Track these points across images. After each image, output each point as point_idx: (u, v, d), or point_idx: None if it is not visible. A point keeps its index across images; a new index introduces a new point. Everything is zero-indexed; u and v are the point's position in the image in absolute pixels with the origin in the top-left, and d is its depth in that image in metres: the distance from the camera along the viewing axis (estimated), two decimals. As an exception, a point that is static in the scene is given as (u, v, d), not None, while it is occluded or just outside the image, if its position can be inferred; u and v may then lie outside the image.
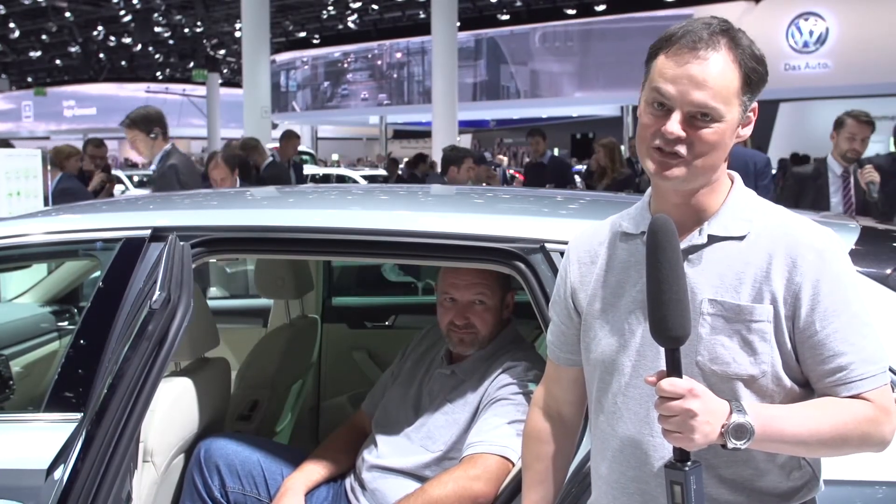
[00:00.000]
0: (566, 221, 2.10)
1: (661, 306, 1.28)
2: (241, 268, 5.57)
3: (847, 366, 1.33)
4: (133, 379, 1.82)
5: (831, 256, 1.36)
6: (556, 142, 28.54)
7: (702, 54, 1.33)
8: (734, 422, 1.26)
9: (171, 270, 1.94)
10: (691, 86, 1.33)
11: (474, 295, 2.31)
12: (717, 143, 1.35)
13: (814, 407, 1.34)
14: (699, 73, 1.33)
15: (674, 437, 1.27)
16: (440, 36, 16.10)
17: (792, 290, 1.34)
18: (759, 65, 1.37)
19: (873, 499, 1.59)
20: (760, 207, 1.44)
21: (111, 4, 23.86)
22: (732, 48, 1.35)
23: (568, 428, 1.67)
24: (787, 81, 19.73)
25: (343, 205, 2.46)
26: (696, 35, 1.34)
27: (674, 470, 1.28)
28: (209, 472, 2.28)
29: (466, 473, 2.06)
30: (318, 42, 29.06)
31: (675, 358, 1.29)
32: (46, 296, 3.61)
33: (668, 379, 1.27)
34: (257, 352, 3.07)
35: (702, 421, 1.25)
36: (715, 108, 1.33)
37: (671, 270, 1.28)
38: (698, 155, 1.35)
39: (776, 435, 1.30)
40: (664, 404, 1.26)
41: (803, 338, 1.35)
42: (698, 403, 1.25)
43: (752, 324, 1.35)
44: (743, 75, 1.35)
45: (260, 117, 14.94)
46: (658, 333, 1.29)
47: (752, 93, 1.38)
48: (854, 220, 2.39)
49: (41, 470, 1.88)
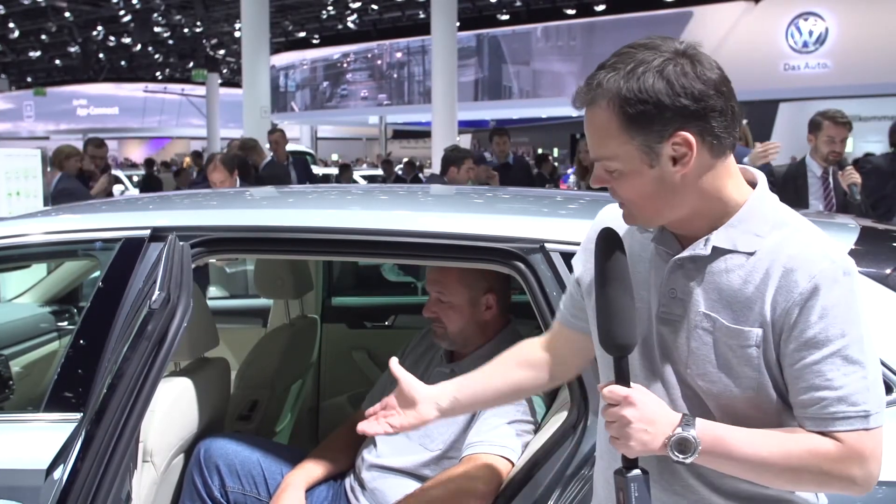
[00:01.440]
0: (566, 221, 2.10)
1: (607, 316, 1.31)
2: (240, 268, 5.57)
3: (819, 401, 1.28)
4: (133, 379, 1.82)
5: (826, 285, 1.27)
6: (557, 142, 28.57)
7: (586, 112, 1.33)
8: (677, 435, 1.28)
9: (170, 270, 1.94)
10: (589, 142, 1.35)
11: (434, 291, 2.38)
12: (634, 194, 1.33)
13: (771, 435, 1.30)
14: (588, 130, 1.33)
15: (615, 443, 1.30)
16: (440, 36, 16.09)
17: (780, 314, 1.29)
18: (648, 103, 1.27)
19: (873, 499, 1.59)
20: (778, 220, 1.36)
21: (111, 4, 23.84)
22: (607, 96, 1.29)
23: (545, 377, 1.69)
24: (787, 81, 19.72)
25: (342, 205, 2.46)
26: (580, 92, 1.34)
27: (619, 476, 1.31)
28: (209, 471, 2.28)
29: (466, 473, 2.06)
30: (317, 42, 29.05)
31: (621, 366, 1.31)
32: (46, 296, 3.62)
33: (610, 386, 1.30)
34: (257, 352, 3.07)
35: (637, 429, 1.27)
36: (608, 166, 1.33)
37: (617, 280, 1.31)
38: (629, 202, 1.35)
39: (723, 454, 1.30)
40: (606, 410, 1.31)
41: (785, 364, 1.31)
42: (632, 412, 1.28)
43: (740, 347, 1.32)
44: (619, 121, 1.29)
45: (259, 117, 14.93)
46: (604, 342, 1.32)
47: (644, 130, 1.28)
48: (854, 220, 2.39)
49: (41, 470, 1.88)
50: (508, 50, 25.43)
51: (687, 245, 1.38)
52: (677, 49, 1.30)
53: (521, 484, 1.90)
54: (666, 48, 1.30)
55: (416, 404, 1.65)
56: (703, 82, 1.28)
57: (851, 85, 18.27)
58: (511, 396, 1.74)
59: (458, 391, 1.67)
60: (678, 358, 1.38)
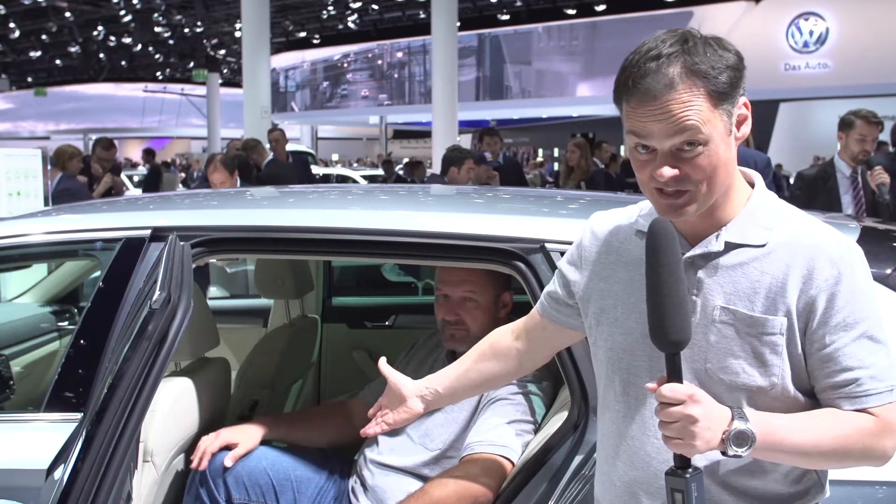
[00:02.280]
0: (566, 221, 2.10)
1: (661, 310, 1.27)
2: (241, 268, 5.57)
3: (853, 381, 1.32)
4: (133, 379, 1.82)
5: (849, 270, 1.33)
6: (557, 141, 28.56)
7: (660, 100, 1.29)
8: (736, 428, 1.26)
9: (171, 270, 1.94)
10: (663, 130, 1.30)
11: (464, 292, 2.35)
12: (714, 164, 1.32)
13: (817, 418, 1.33)
14: (665, 116, 1.29)
15: (674, 444, 1.26)
16: (440, 36, 16.09)
17: (806, 303, 1.33)
18: (724, 70, 1.31)
19: (874, 498, 1.60)
20: (782, 214, 1.40)
21: (111, 4, 23.83)
22: (687, 75, 1.29)
23: (515, 366, 1.75)
24: (788, 81, 19.72)
25: (343, 205, 2.46)
26: (648, 82, 1.29)
27: (675, 477, 1.27)
28: (215, 485, 2.26)
29: (467, 473, 2.06)
30: (318, 42, 29.04)
31: (675, 363, 1.27)
32: (47, 296, 3.62)
33: (668, 384, 1.26)
34: (257, 352, 3.07)
35: (703, 427, 1.24)
36: (694, 139, 1.29)
37: (670, 274, 1.27)
38: (700, 181, 1.32)
39: (777, 444, 1.29)
40: (665, 410, 1.25)
41: (813, 350, 1.34)
42: (699, 409, 1.24)
43: (764, 336, 1.34)
44: (708, 93, 1.29)
45: (260, 117, 14.93)
46: (657, 338, 1.28)
47: (729, 97, 1.32)
48: (854, 220, 2.39)
49: (41, 470, 1.88)
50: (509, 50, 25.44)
51: (694, 243, 1.40)
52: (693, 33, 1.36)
53: (521, 484, 1.90)
54: (679, 30, 1.35)
55: (405, 400, 1.78)
56: (732, 50, 1.36)
57: (852, 85, 18.26)
58: (485, 387, 1.84)
59: (439, 384, 1.79)
60: (696, 354, 1.38)
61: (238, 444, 2.29)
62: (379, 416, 1.82)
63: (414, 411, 1.78)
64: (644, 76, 1.29)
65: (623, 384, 1.46)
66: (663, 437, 1.27)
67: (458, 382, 1.78)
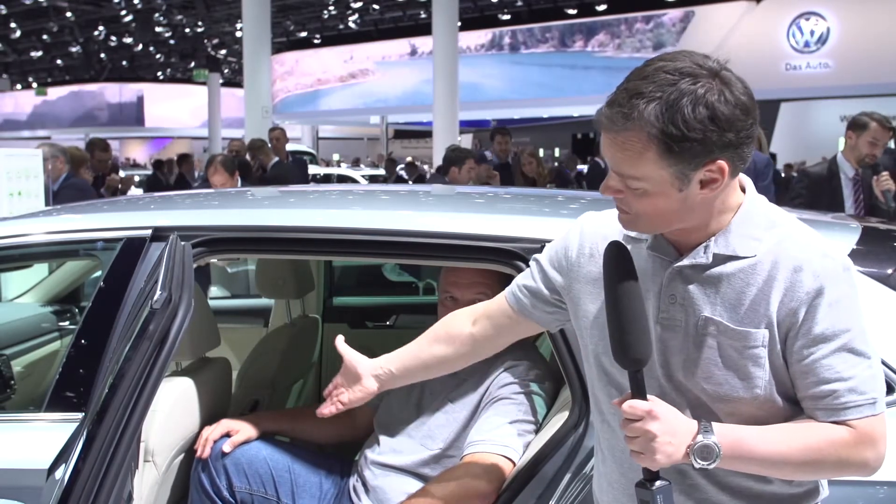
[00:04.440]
0: (567, 221, 2.10)
1: (620, 330, 1.30)
2: (242, 268, 5.57)
3: (831, 393, 1.32)
4: (134, 379, 1.82)
5: (831, 283, 1.32)
6: (557, 142, 28.55)
7: (610, 132, 1.30)
8: (699, 442, 1.28)
9: (172, 270, 1.94)
10: (609, 156, 1.32)
11: (475, 294, 2.31)
12: (652, 210, 1.32)
13: (788, 430, 1.33)
14: (612, 149, 1.30)
15: (638, 457, 1.29)
16: (441, 36, 16.10)
17: (787, 314, 1.33)
18: (697, 140, 1.25)
19: (874, 498, 1.59)
20: (772, 221, 1.39)
21: (112, 4, 23.84)
22: (645, 125, 1.26)
23: (468, 351, 1.75)
24: (788, 81, 19.71)
25: (344, 205, 2.46)
26: (610, 112, 1.29)
27: (642, 489, 1.31)
28: (216, 471, 2.28)
29: (468, 473, 2.06)
30: (318, 42, 29.03)
31: (637, 379, 1.31)
32: (47, 296, 3.62)
33: (629, 401, 1.30)
34: (258, 351, 3.07)
35: (662, 442, 1.27)
36: (631, 184, 1.31)
37: (626, 294, 1.30)
38: (640, 214, 1.34)
39: (745, 455, 1.31)
40: (627, 426, 1.29)
41: (793, 360, 1.34)
42: (658, 425, 1.27)
43: (746, 349, 1.34)
44: (659, 153, 1.26)
45: (261, 117, 14.93)
46: (618, 356, 1.32)
47: (687, 162, 1.27)
48: (855, 220, 2.39)
49: (42, 470, 1.89)
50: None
51: (684, 251, 1.39)
52: (711, 69, 1.29)
53: (522, 484, 1.90)
54: (701, 70, 1.28)
55: (360, 379, 1.80)
56: (742, 110, 1.28)
57: (853, 85, 18.26)
58: (437, 370, 1.83)
59: (391, 364, 1.80)
60: (680, 363, 1.38)
61: (239, 432, 2.31)
62: (334, 395, 1.84)
63: (368, 390, 1.80)
64: (612, 104, 1.30)
65: (617, 388, 1.46)
66: (629, 450, 1.31)
67: (411, 363, 1.79)
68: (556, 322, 1.67)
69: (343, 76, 28.26)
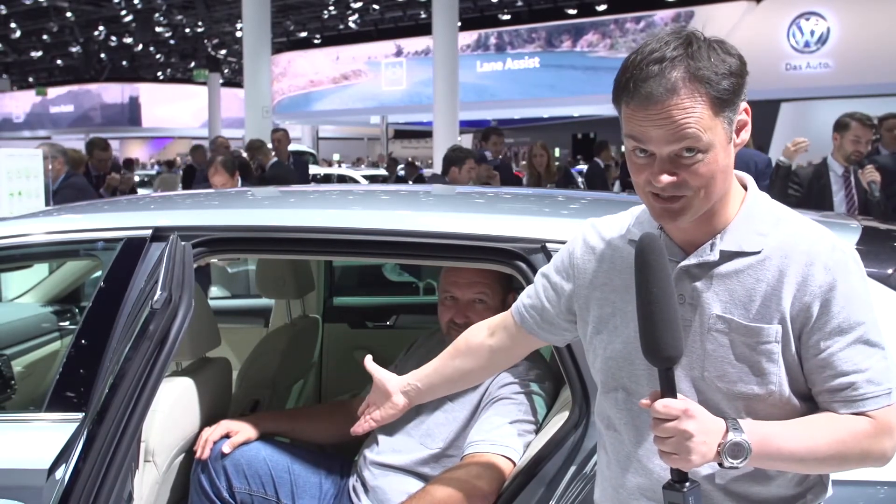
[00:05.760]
0: (567, 221, 2.10)
1: (653, 327, 1.26)
2: (242, 268, 5.58)
3: (850, 385, 1.32)
4: (134, 379, 1.82)
5: (843, 276, 1.32)
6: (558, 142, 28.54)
7: (661, 105, 1.26)
8: (731, 440, 1.25)
9: (172, 270, 1.94)
10: (663, 136, 1.27)
11: (475, 294, 2.32)
12: (713, 171, 1.30)
13: (812, 424, 1.32)
14: (666, 122, 1.26)
15: (670, 459, 1.26)
16: (441, 36, 16.10)
17: (800, 309, 1.32)
18: (727, 76, 1.28)
19: (875, 499, 1.59)
20: (777, 216, 1.39)
21: (112, 4, 23.85)
22: (690, 80, 1.26)
23: (489, 365, 1.77)
24: (789, 81, 19.69)
25: (344, 205, 2.46)
26: (650, 86, 1.26)
27: (672, 491, 1.27)
28: (216, 472, 2.28)
29: (468, 473, 2.06)
30: (319, 42, 29.03)
31: (668, 377, 1.27)
32: (48, 296, 3.62)
33: (662, 400, 1.26)
34: (258, 352, 3.07)
35: (698, 442, 1.23)
36: (694, 146, 1.27)
37: (661, 290, 1.26)
38: (698, 188, 1.30)
39: (774, 453, 1.29)
40: (659, 426, 1.25)
41: (809, 355, 1.34)
42: (694, 424, 1.24)
43: (760, 345, 1.33)
44: (711, 100, 1.27)
45: (261, 117, 14.94)
46: (650, 354, 1.27)
47: (731, 104, 1.30)
48: (855, 220, 2.39)
49: (42, 470, 1.89)
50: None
51: (689, 251, 1.39)
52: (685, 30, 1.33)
53: (522, 484, 1.90)
54: (682, 30, 1.32)
55: (389, 396, 1.82)
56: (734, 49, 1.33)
57: (853, 85, 18.24)
58: (461, 383, 1.85)
59: (418, 381, 1.82)
60: (693, 362, 1.37)
61: (238, 433, 2.31)
62: (367, 414, 1.86)
63: (398, 406, 1.82)
64: (646, 79, 1.27)
65: (625, 393, 1.45)
66: (659, 451, 1.27)
67: (436, 378, 1.80)
68: (563, 340, 1.69)
69: (336, 77, 28.27)
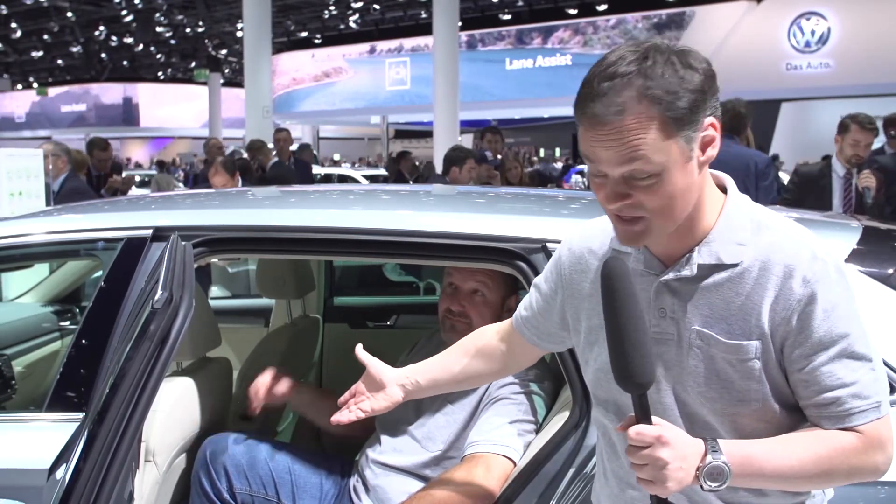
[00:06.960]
0: (568, 221, 2.10)
1: (622, 354, 1.21)
2: (242, 267, 5.58)
3: (835, 401, 1.27)
4: (135, 378, 1.82)
5: (823, 288, 1.26)
6: (557, 142, 28.55)
7: (608, 126, 1.21)
8: (709, 463, 1.22)
9: (172, 270, 1.94)
10: (611, 157, 1.23)
11: (475, 283, 2.32)
12: (669, 192, 1.24)
13: (796, 442, 1.28)
14: (614, 144, 1.21)
15: (647, 485, 1.23)
16: (441, 36, 16.10)
17: (780, 323, 1.27)
18: (685, 93, 1.21)
19: (875, 499, 1.59)
20: (757, 224, 1.33)
21: (113, 4, 23.86)
22: (639, 100, 1.20)
23: (498, 367, 1.74)
24: (789, 81, 19.70)
25: (345, 204, 2.46)
26: (597, 107, 1.21)
27: None
28: (216, 473, 2.28)
29: (469, 473, 2.06)
30: (319, 42, 29.04)
31: (642, 403, 1.23)
32: (48, 295, 3.62)
33: (635, 427, 1.22)
34: (259, 351, 3.07)
35: (674, 468, 1.20)
36: (644, 168, 1.22)
37: (628, 317, 1.21)
38: (654, 210, 1.25)
39: (756, 472, 1.25)
40: (635, 453, 1.22)
41: (793, 369, 1.29)
42: (668, 451, 1.20)
43: (740, 362, 1.29)
44: (664, 120, 1.20)
45: (262, 117, 14.95)
46: (622, 381, 1.23)
47: (688, 122, 1.22)
48: (856, 220, 2.39)
49: (43, 469, 1.89)
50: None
51: (668, 263, 1.35)
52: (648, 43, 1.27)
53: (523, 484, 1.90)
54: (643, 44, 1.26)
55: (384, 387, 1.73)
56: (701, 58, 1.27)
57: (854, 85, 18.24)
58: (466, 384, 1.80)
59: (420, 375, 1.75)
60: (676, 377, 1.34)
61: (280, 382, 2.38)
62: (353, 403, 1.75)
63: (393, 398, 1.73)
64: (594, 98, 1.22)
65: (615, 405, 1.43)
66: (636, 477, 1.23)
67: (441, 376, 1.74)
68: (565, 347, 1.68)
69: (317, 75, 28.30)
